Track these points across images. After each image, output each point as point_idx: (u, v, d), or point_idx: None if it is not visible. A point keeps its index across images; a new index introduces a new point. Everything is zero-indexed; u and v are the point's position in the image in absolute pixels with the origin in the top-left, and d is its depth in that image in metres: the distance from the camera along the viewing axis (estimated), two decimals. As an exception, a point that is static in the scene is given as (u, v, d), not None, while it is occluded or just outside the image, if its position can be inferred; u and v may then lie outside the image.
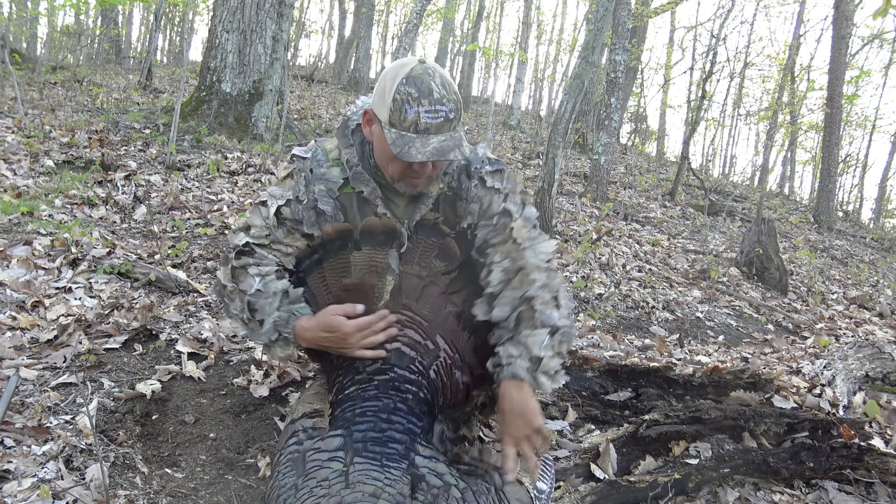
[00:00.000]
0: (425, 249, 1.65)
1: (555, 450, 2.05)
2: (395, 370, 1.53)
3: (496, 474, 1.37)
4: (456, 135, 1.56)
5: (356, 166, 1.71)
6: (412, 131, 1.53)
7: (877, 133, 20.78)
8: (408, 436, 1.38)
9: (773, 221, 5.99)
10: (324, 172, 1.72)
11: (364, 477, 1.25)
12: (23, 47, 13.32)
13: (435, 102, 1.52)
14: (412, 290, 1.63)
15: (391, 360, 1.55)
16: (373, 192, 1.70)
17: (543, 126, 13.51)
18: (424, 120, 1.52)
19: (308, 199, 1.70)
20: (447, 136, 1.55)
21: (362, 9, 15.28)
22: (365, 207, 1.72)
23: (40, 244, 2.98)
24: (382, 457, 1.31)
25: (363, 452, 1.32)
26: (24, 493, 1.51)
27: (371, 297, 1.62)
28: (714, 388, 2.47)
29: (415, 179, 1.65)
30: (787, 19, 30.72)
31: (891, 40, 17.30)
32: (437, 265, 1.66)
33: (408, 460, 1.32)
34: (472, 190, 1.74)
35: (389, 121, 1.55)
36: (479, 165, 1.76)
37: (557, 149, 5.45)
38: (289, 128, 6.77)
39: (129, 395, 2.02)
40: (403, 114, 1.52)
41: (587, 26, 10.34)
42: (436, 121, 1.52)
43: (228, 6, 6.14)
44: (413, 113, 1.52)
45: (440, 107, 1.53)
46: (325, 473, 1.27)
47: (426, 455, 1.34)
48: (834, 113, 11.28)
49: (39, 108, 6.26)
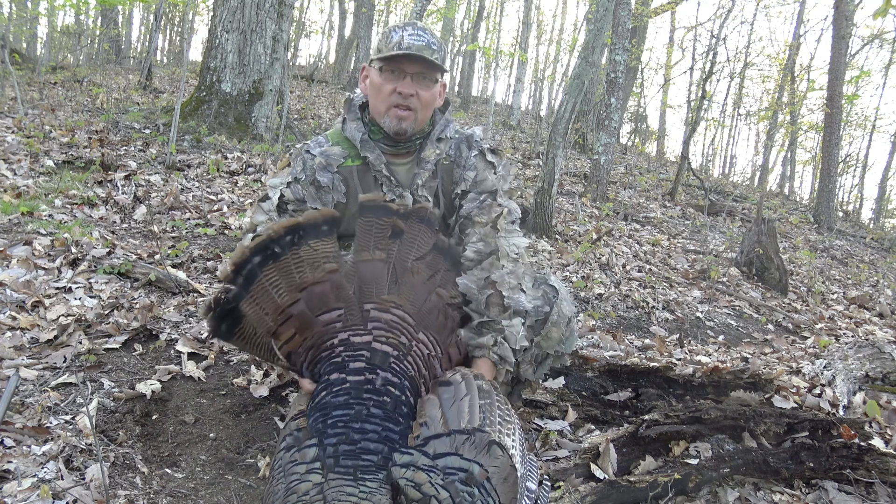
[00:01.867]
0: (379, 231, 1.59)
1: (555, 450, 2.05)
2: (376, 371, 1.43)
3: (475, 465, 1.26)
4: (437, 62, 1.72)
5: (364, 134, 1.83)
6: (396, 49, 1.69)
7: (877, 133, 20.78)
8: (384, 444, 1.29)
9: (773, 221, 5.99)
10: (324, 150, 1.84)
11: (338, 494, 1.19)
12: (23, 47, 13.32)
13: (418, 29, 1.71)
14: (379, 277, 1.55)
15: (374, 360, 1.45)
16: (377, 157, 1.82)
17: (543, 126, 13.51)
18: (408, 40, 1.69)
19: (306, 175, 1.80)
20: (428, 55, 1.70)
21: (362, 9, 15.28)
22: (366, 176, 1.84)
23: (40, 244, 2.98)
24: (356, 470, 1.24)
25: (335, 468, 1.24)
26: (24, 493, 1.51)
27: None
28: (714, 388, 2.47)
29: (398, 111, 1.75)
30: (787, 19, 30.70)
31: (891, 40, 17.30)
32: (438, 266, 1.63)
33: (385, 469, 1.25)
34: (470, 159, 1.87)
35: (378, 49, 1.73)
36: (479, 140, 1.91)
37: (557, 149, 5.45)
38: (289, 128, 6.77)
39: (129, 395, 2.02)
40: (389, 39, 1.70)
41: (587, 26, 10.33)
42: (418, 41, 1.68)
43: (228, 6, 6.14)
44: (398, 35, 1.69)
45: (423, 33, 1.71)
46: (305, 488, 1.22)
47: (403, 463, 1.25)
48: (834, 113, 11.27)
49: (39, 108, 6.26)
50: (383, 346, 1.48)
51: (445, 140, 1.87)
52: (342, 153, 1.83)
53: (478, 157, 1.86)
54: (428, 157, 1.84)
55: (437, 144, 1.86)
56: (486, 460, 1.27)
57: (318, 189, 1.80)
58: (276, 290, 1.51)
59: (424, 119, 1.81)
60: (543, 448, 2.07)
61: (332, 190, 1.81)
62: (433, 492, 1.19)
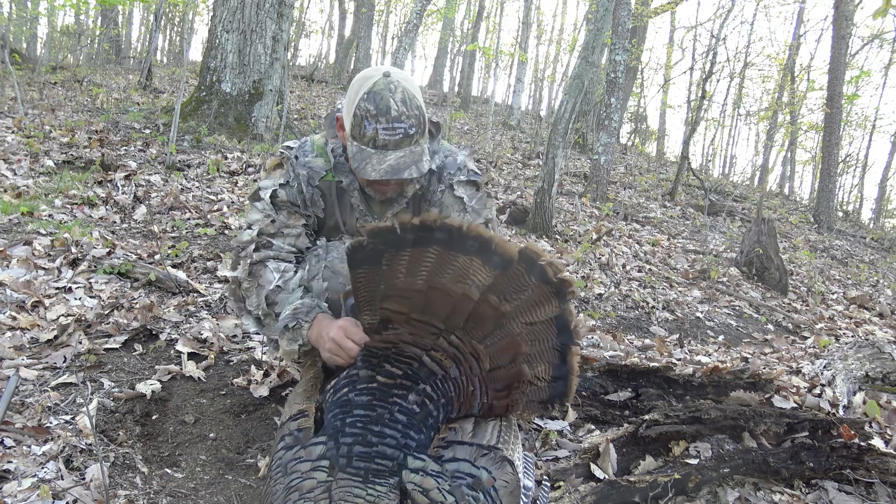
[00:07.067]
0: (521, 286, 1.43)
1: (555, 450, 2.05)
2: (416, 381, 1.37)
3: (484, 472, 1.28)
4: (417, 149, 1.60)
5: (340, 156, 1.79)
6: (371, 146, 1.58)
7: (877, 133, 20.78)
8: (401, 451, 1.27)
9: (773, 221, 5.99)
10: (308, 161, 1.81)
11: (345, 494, 1.18)
12: (23, 47, 13.32)
13: (392, 120, 1.56)
14: (487, 325, 1.42)
15: (419, 372, 1.39)
16: (350, 183, 1.79)
17: (543, 126, 13.51)
18: (382, 137, 1.56)
19: (297, 183, 1.80)
20: (406, 152, 1.58)
21: (362, 9, 15.28)
22: (343, 197, 1.82)
23: (40, 244, 2.98)
24: (368, 472, 1.22)
25: (347, 468, 1.23)
26: (24, 493, 1.51)
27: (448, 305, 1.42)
28: (714, 388, 2.47)
29: (382, 187, 1.72)
30: (787, 19, 30.72)
31: (891, 40, 17.30)
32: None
33: (398, 475, 1.22)
34: (436, 194, 1.80)
35: (351, 134, 1.60)
36: (453, 172, 1.81)
37: (557, 149, 5.45)
38: (289, 128, 6.77)
39: (129, 395, 2.02)
40: (363, 129, 1.57)
41: (587, 26, 10.34)
42: (393, 137, 1.57)
43: (228, 6, 6.14)
44: (371, 129, 1.56)
45: (398, 124, 1.56)
46: (309, 485, 1.21)
47: (415, 468, 1.23)
48: (834, 113, 11.28)
49: (39, 108, 6.26)
50: (433, 363, 1.41)
51: (428, 172, 1.79)
52: (324, 166, 1.80)
53: (445, 193, 1.79)
54: (407, 193, 1.80)
55: (420, 179, 1.80)
56: (496, 472, 1.29)
57: (305, 199, 1.81)
58: (421, 269, 1.40)
59: (412, 184, 1.78)
60: (543, 448, 2.07)
61: (312, 204, 1.81)
62: (440, 498, 1.19)
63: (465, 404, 1.44)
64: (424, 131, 1.63)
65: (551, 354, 1.47)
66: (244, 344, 2.52)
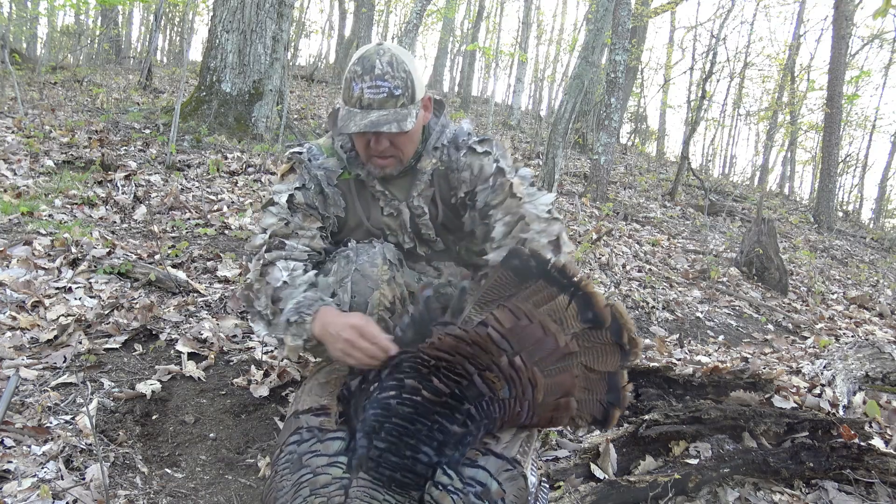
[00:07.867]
0: (597, 339, 1.47)
1: (555, 450, 2.05)
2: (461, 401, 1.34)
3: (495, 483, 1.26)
4: (402, 111, 1.63)
5: (350, 150, 1.80)
6: (357, 106, 1.62)
7: (877, 133, 20.79)
8: (431, 469, 1.24)
9: (773, 221, 5.99)
10: (321, 162, 1.82)
11: (362, 494, 1.17)
12: (23, 47, 13.32)
13: (376, 78, 1.60)
14: (551, 357, 1.43)
15: (466, 391, 1.35)
16: (369, 173, 1.79)
17: (543, 126, 13.51)
18: (367, 95, 1.60)
19: (314, 185, 1.80)
20: (390, 112, 1.61)
21: (362, 9, 15.28)
22: (363, 191, 1.83)
23: (40, 244, 2.98)
24: (392, 482, 1.21)
25: (371, 471, 1.21)
26: (24, 493, 1.51)
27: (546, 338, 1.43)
28: (714, 388, 2.47)
29: (378, 160, 1.72)
30: (787, 19, 30.74)
31: (891, 40, 17.31)
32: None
33: (421, 490, 1.21)
34: (461, 160, 1.82)
35: (343, 99, 1.65)
36: (466, 137, 1.84)
37: (557, 149, 5.45)
38: (289, 128, 6.77)
39: (129, 395, 2.02)
40: (350, 91, 1.62)
41: (587, 26, 10.33)
42: (378, 96, 1.60)
43: (228, 6, 6.14)
44: (358, 89, 1.61)
45: (382, 83, 1.60)
46: (323, 480, 1.19)
47: (441, 483, 1.22)
48: (834, 113, 11.28)
49: (39, 108, 6.26)
50: (483, 384, 1.37)
51: (442, 147, 1.83)
52: (338, 166, 1.82)
53: (468, 155, 1.82)
54: (424, 168, 1.81)
55: (434, 153, 1.82)
56: (509, 486, 1.29)
57: (325, 199, 1.81)
58: (535, 299, 1.45)
59: (411, 152, 1.77)
60: (543, 448, 2.07)
61: (333, 204, 1.82)
62: None
63: (509, 422, 1.44)
64: (414, 98, 1.65)
65: (595, 406, 1.49)
66: (244, 344, 2.52)
